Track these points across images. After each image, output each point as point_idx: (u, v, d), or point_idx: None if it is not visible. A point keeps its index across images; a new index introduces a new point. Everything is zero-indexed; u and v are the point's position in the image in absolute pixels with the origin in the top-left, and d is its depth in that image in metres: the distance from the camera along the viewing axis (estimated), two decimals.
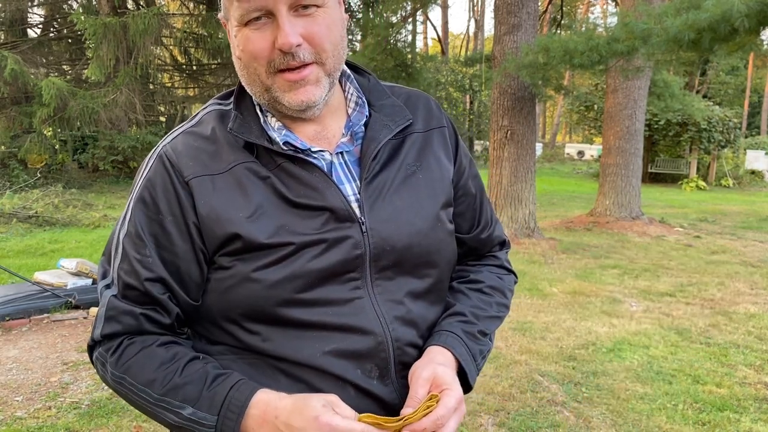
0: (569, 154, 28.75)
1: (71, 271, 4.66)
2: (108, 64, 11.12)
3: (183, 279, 0.87)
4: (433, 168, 0.96)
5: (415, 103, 1.01)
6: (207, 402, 0.79)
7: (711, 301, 5.21)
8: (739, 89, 32.85)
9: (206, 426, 0.79)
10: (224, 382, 0.81)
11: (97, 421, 2.87)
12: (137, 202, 0.87)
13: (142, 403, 0.84)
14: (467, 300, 1.00)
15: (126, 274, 0.86)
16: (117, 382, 0.86)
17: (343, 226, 0.86)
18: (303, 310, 0.85)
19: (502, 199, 7.62)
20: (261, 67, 0.84)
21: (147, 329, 0.87)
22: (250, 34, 0.83)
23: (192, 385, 0.81)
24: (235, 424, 0.78)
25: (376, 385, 0.87)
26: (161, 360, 0.84)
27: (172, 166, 0.87)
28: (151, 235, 0.86)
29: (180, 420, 0.80)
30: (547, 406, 3.12)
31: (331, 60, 0.86)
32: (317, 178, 0.87)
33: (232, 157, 0.87)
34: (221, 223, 0.84)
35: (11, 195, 9.56)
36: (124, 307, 0.86)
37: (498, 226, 1.12)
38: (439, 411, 0.79)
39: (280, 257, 0.84)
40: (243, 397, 0.79)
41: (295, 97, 0.85)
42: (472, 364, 0.93)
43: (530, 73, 6.72)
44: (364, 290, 0.87)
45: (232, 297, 0.86)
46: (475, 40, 34.13)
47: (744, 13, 4.90)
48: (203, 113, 0.95)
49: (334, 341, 0.85)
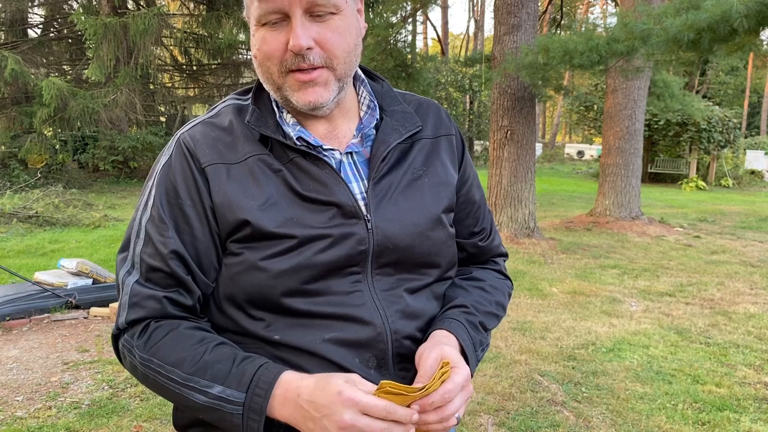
0: (569, 154, 28.76)
1: (71, 271, 4.66)
2: (108, 64, 11.12)
3: (202, 261, 0.90)
4: (439, 173, 1.00)
5: (426, 111, 1.05)
6: (236, 380, 0.80)
7: (711, 301, 5.21)
8: (738, 89, 32.88)
9: (235, 404, 0.79)
10: (253, 362, 0.82)
11: (97, 421, 2.87)
12: (158, 187, 0.91)
13: (169, 385, 0.84)
14: (469, 295, 1.02)
15: (149, 257, 0.88)
16: (145, 365, 0.86)
17: (350, 222, 0.89)
18: (306, 300, 0.87)
19: (502, 199, 7.62)
20: (274, 66, 0.88)
21: (171, 313, 0.88)
22: (267, 35, 0.87)
23: (221, 364, 0.82)
24: (264, 400, 0.78)
25: (374, 374, 0.88)
26: (190, 341, 0.85)
27: (189, 153, 0.91)
28: (171, 218, 0.89)
29: (208, 399, 0.81)
30: (547, 406, 3.12)
31: (341, 66, 0.89)
32: (327, 175, 0.90)
33: (247, 149, 0.91)
34: (233, 209, 0.87)
35: (11, 195, 9.56)
36: (147, 291, 0.88)
37: (497, 237, 1.15)
38: (446, 386, 0.80)
39: (287, 248, 0.87)
40: (271, 375, 0.80)
41: (303, 96, 0.89)
42: (473, 351, 0.95)
43: (530, 74, 6.72)
44: (364, 284, 0.91)
45: (239, 283, 0.88)
46: (475, 40, 34.13)
47: (743, 13, 4.90)
48: (222, 106, 0.99)
49: (335, 330, 0.88)
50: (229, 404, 0.80)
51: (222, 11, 12.72)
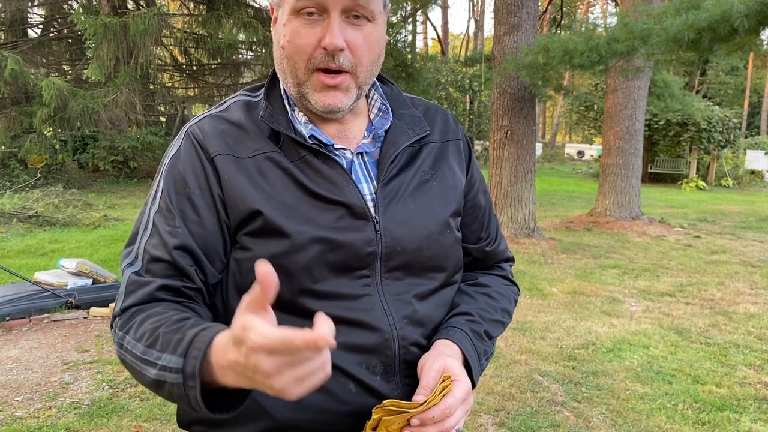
0: (569, 154, 28.75)
1: (71, 271, 4.66)
2: (108, 64, 11.12)
3: (209, 251, 0.88)
4: (447, 177, 1.00)
5: (433, 116, 1.05)
6: (177, 345, 0.73)
7: (711, 301, 5.21)
8: (738, 89, 32.88)
9: (174, 371, 0.72)
10: (198, 326, 0.74)
11: (97, 421, 2.87)
12: (166, 178, 0.90)
13: (132, 362, 0.80)
14: (474, 302, 1.02)
15: (153, 247, 0.87)
16: (119, 345, 0.83)
17: (358, 223, 0.89)
18: (315, 301, 0.87)
19: (502, 199, 7.62)
20: (302, 61, 0.87)
21: (161, 297, 0.85)
22: (300, 28, 0.86)
23: (171, 334, 0.75)
24: (197, 361, 0.69)
25: (379, 381, 0.88)
26: (159, 318, 0.80)
27: (198, 143, 0.90)
28: (179, 209, 0.88)
29: (156, 371, 0.74)
30: (547, 406, 3.12)
31: (364, 74, 0.90)
32: (337, 174, 0.90)
33: (257, 146, 0.90)
34: (245, 198, 0.87)
35: (11, 195, 9.56)
36: (143, 280, 0.86)
37: (503, 241, 1.15)
38: (447, 400, 0.80)
39: (297, 246, 0.86)
40: (209, 336, 0.70)
41: (323, 99, 0.88)
42: (476, 361, 0.94)
43: (530, 74, 6.72)
44: (374, 288, 0.90)
45: (250, 280, 0.84)
46: (475, 40, 34.12)
47: (743, 13, 4.90)
48: (231, 101, 0.98)
49: (342, 334, 0.85)
50: (170, 372, 0.72)
51: (222, 11, 12.71)
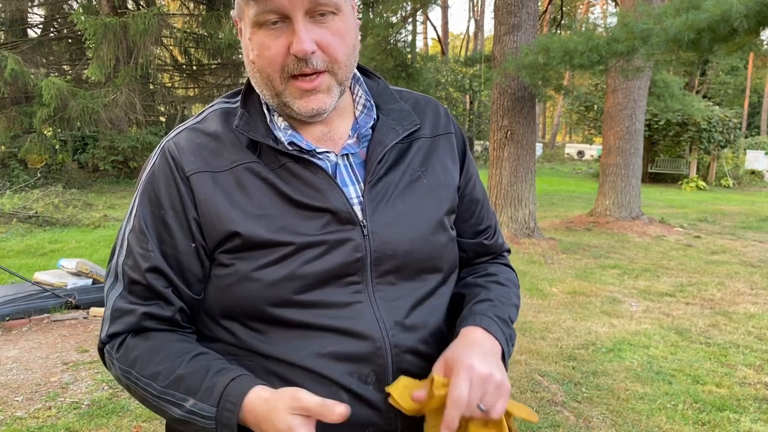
0: (569, 154, 28.76)
1: (71, 271, 4.66)
2: (108, 64, 11.13)
3: (184, 274, 0.87)
4: (439, 174, 0.96)
5: (424, 109, 1.01)
6: (207, 393, 0.79)
7: (711, 301, 5.21)
8: (738, 89, 32.87)
9: (207, 418, 0.78)
10: (225, 375, 0.80)
11: (97, 421, 2.87)
12: (142, 197, 0.88)
13: (147, 397, 0.84)
14: (488, 291, 0.99)
15: (130, 269, 0.86)
16: (125, 377, 0.86)
17: (345, 228, 0.86)
18: (301, 311, 0.84)
19: (502, 199, 7.61)
20: (275, 72, 0.84)
21: (149, 326, 0.87)
22: (266, 40, 0.83)
23: (195, 377, 0.80)
24: (233, 415, 0.77)
25: (372, 390, 0.85)
26: (166, 353, 0.84)
27: (174, 161, 0.87)
28: (154, 230, 0.86)
29: (183, 413, 0.80)
30: (547, 406, 3.12)
31: (343, 69, 0.86)
32: (320, 179, 0.87)
33: (235, 157, 0.87)
34: (221, 220, 0.84)
35: (11, 195, 9.55)
36: (127, 306, 0.87)
37: (500, 235, 1.12)
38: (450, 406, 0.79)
39: (280, 257, 0.83)
40: (240, 389, 0.78)
41: (306, 104, 0.86)
42: (507, 347, 0.92)
43: (530, 74, 6.71)
44: (365, 294, 0.87)
45: (232, 295, 0.85)
46: (475, 40, 34.12)
47: (743, 13, 4.90)
48: (209, 111, 0.95)
49: (331, 344, 0.84)
50: (202, 418, 0.78)
51: (222, 11, 12.73)
